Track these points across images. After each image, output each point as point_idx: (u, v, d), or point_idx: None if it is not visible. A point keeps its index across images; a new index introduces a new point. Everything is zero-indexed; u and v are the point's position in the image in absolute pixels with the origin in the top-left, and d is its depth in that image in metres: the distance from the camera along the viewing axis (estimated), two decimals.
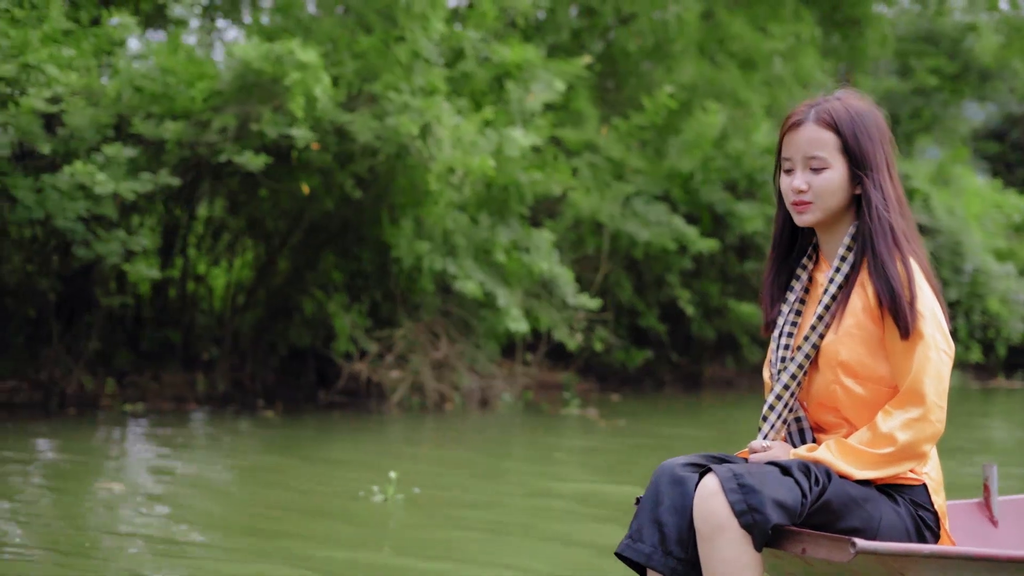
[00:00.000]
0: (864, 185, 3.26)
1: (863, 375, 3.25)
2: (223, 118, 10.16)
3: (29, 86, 9.57)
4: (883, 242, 3.23)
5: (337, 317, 11.64)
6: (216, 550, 5.52)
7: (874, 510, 3.16)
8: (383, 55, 10.81)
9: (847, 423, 3.30)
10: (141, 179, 9.96)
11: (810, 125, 3.28)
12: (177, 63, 10.47)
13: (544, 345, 13.87)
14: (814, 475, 3.10)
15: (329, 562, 5.21)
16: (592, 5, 15.10)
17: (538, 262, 11.97)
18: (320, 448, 9.22)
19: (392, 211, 11.49)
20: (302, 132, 9.87)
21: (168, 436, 9.66)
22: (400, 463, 7.76)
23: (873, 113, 3.32)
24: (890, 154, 3.33)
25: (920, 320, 3.17)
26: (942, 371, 3.19)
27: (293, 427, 10.48)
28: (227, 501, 6.90)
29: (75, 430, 9.86)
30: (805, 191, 3.28)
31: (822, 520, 3.09)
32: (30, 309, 11.65)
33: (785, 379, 3.32)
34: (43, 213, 9.72)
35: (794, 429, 3.35)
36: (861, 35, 17.91)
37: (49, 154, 9.81)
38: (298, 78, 9.76)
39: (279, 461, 8.46)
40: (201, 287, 12.75)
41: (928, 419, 3.16)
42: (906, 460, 3.18)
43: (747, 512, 2.97)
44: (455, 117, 10.48)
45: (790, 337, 3.37)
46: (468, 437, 10.44)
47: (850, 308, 3.28)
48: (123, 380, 12.07)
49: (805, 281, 3.42)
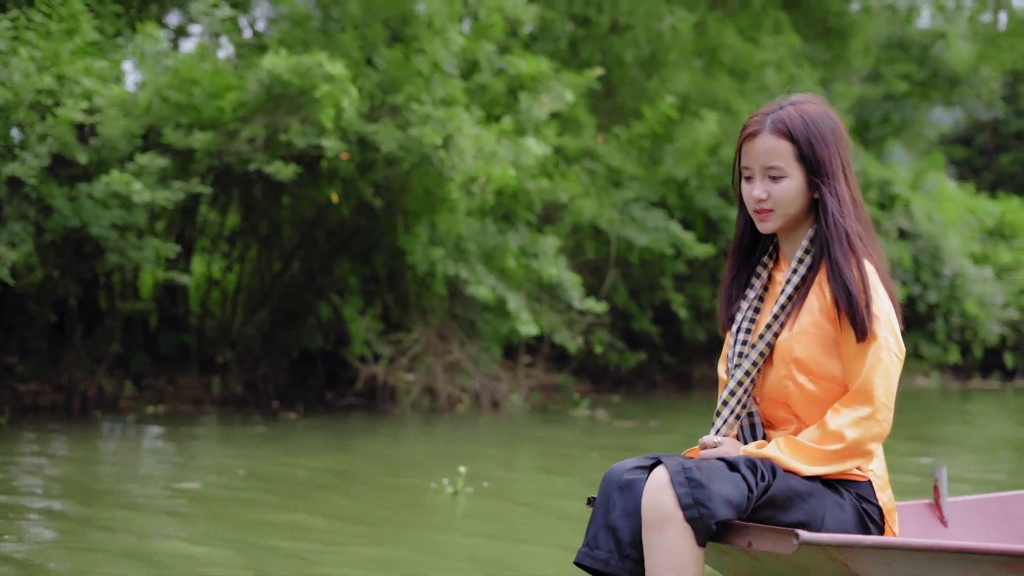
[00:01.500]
0: (820, 192, 3.33)
1: (816, 373, 3.32)
2: (252, 128, 10.45)
3: (66, 98, 9.83)
4: (839, 248, 3.28)
5: (353, 321, 11.95)
6: (342, 535, 5.93)
7: (818, 503, 3.22)
8: (403, 67, 11.12)
9: (797, 419, 3.36)
10: (173, 187, 10.24)
11: (766, 135, 3.34)
12: (204, 75, 10.75)
13: (546, 348, 14.22)
14: (760, 471, 3.17)
15: (441, 545, 5.65)
16: (588, 15, 15.45)
17: (546, 267, 12.32)
18: (369, 447, 9.59)
19: (406, 218, 11.81)
20: (332, 142, 10.17)
21: (213, 436, 9.99)
22: (458, 459, 8.10)
23: (828, 117, 3.38)
24: (846, 157, 3.39)
25: (875, 322, 3.24)
26: (892, 373, 3.27)
27: (324, 428, 10.80)
28: (321, 495, 7.23)
29: (118, 433, 10.15)
30: (765, 199, 3.35)
31: (767, 514, 3.16)
32: (50, 313, 11.88)
33: (739, 375, 3.39)
34: (79, 221, 9.98)
35: (746, 424, 3.42)
36: (845, 45, 18.35)
37: (86, 164, 10.06)
38: (328, 90, 10.06)
39: (341, 459, 8.83)
40: (215, 291, 13.00)
41: (876, 418, 3.23)
42: (853, 457, 3.24)
43: (692, 506, 3.04)
44: (475, 127, 10.81)
45: (747, 333, 3.45)
46: (500, 435, 10.77)
47: (807, 307, 3.35)
48: (140, 383, 12.33)
49: (764, 279, 3.51)
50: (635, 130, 14.25)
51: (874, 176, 18.37)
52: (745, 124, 3.41)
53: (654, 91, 15.40)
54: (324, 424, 11.06)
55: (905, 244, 18.28)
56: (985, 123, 32.54)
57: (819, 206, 3.34)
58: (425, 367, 12.32)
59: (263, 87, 10.43)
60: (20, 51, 9.51)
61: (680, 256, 15.00)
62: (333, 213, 11.72)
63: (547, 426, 11.48)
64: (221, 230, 12.72)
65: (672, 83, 15.44)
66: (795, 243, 3.43)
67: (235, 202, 12.18)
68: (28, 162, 9.46)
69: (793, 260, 3.40)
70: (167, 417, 11.25)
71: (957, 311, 18.85)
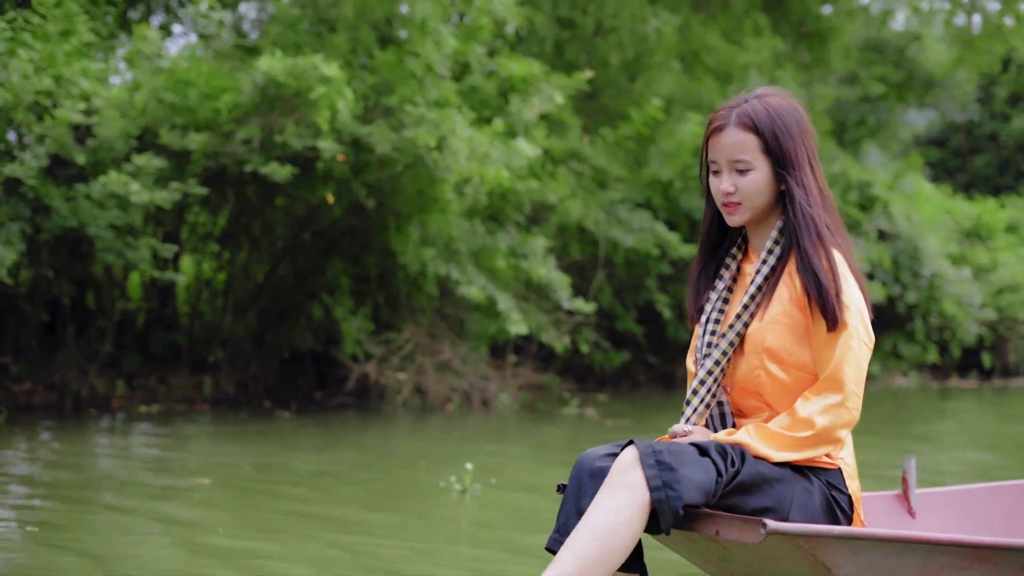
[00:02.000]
0: (787, 183, 3.35)
1: (787, 362, 3.35)
2: (248, 130, 10.53)
3: (64, 99, 9.90)
4: (807, 237, 3.31)
5: (345, 321, 12.04)
6: (362, 524, 6.08)
7: (787, 489, 3.24)
8: (396, 69, 11.22)
9: (768, 408, 3.40)
10: (170, 188, 10.32)
11: (731, 129, 3.37)
12: (198, 76, 10.82)
13: (531, 347, 14.34)
14: (730, 456, 3.19)
15: (473, 538, 5.82)
16: (574, 17, 15.58)
17: (536, 268, 12.45)
18: (367, 445, 9.72)
19: (398, 219, 11.91)
20: (328, 144, 10.27)
21: (210, 434, 10.08)
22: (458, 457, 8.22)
23: (793, 109, 3.41)
24: (812, 149, 3.41)
25: (845, 311, 3.27)
26: (862, 361, 3.30)
27: (319, 425, 10.90)
28: (338, 489, 7.35)
29: (119, 430, 10.23)
30: (733, 192, 3.38)
31: (736, 499, 3.18)
32: (43, 313, 11.94)
33: (709, 365, 3.41)
34: (76, 221, 10.05)
35: (716, 413, 3.44)
36: (825, 47, 18.54)
37: (84, 165, 10.13)
38: (324, 92, 10.15)
39: (342, 456, 8.93)
40: (206, 291, 13.07)
41: (846, 406, 3.26)
42: (822, 444, 3.27)
43: (661, 488, 3.05)
44: (468, 129, 10.92)
45: (716, 324, 3.47)
46: (496, 433, 10.87)
47: (777, 297, 3.37)
48: (132, 382, 12.39)
49: (734, 271, 3.53)
50: (622, 132, 14.37)
51: (854, 178, 18.57)
52: (711, 118, 3.44)
53: (639, 93, 15.54)
54: (318, 422, 11.16)
55: (885, 245, 18.49)
56: (959, 125, 32.83)
57: (786, 197, 3.36)
58: (415, 366, 12.43)
59: (258, 89, 10.51)
60: (19, 52, 9.56)
61: (665, 257, 15.16)
62: (325, 214, 11.81)
63: (540, 424, 11.59)
64: (212, 230, 12.77)
65: (657, 85, 15.58)
66: (764, 235, 3.46)
67: (228, 202, 12.24)
68: (27, 162, 9.52)
69: (762, 251, 3.42)
70: (161, 416, 11.32)
71: (936, 311, 19.08)
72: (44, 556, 5.06)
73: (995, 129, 32.43)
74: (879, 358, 18.70)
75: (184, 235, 12.51)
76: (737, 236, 3.54)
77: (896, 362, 19.03)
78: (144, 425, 10.63)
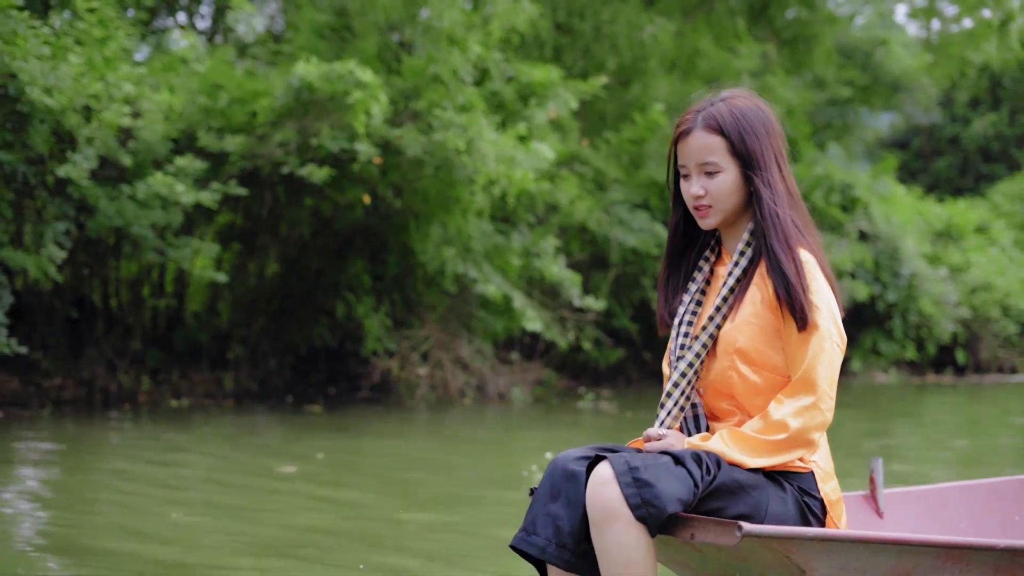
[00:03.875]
0: (754, 183, 3.33)
1: (759, 363, 3.33)
2: (284, 132, 10.89)
3: (111, 103, 10.22)
4: (775, 237, 3.30)
5: (367, 318, 12.43)
6: (498, 513, 6.38)
7: (761, 496, 3.22)
8: (419, 75, 11.62)
9: (741, 411, 3.38)
10: (211, 189, 10.67)
11: (698, 132, 3.35)
12: (233, 80, 11.17)
13: (529, 344, 14.76)
14: (705, 464, 3.16)
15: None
16: (573, 24, 16.02)
17: (548, 266, 12.89)
18: (430, 434, 10.17)
19: (419, 219, 12.30)
20: (365, 147, 10.65)
21: (255, 426, 10.43)
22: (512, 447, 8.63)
23: (759, 110, 3.39)
24: (779, 149, 3.39)
25: (816, 312, 3.24)
26: (834, 362, 3.27)
27: (353, 418, 11.30)
28: (424, 479, 7.71)
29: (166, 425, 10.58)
30: (703, 196, 3.35)
31: (712, 506, 3.16)
32: (72, 310, 12.23)
33: (682, 367, 3.38)
34: (122, 221, 10.38)
35: (689, 415, 3.42)
36: (809, 51, 19.10)
37: (130, 166, 10.46)
38: (360, 97, 10.54)
39: (420, 443, 9.37)
40: (227, 289, 13.40)
41: (819, 407, 3.23)
42: (797, 447, 3.25)
43: (642, 506, 3.04)
44: (493, 133, 11.34)
45: (690, 326, 3.44)
46: (532, 425, 11.27)
47: (749, 298, 3.35)
48: (156, 378, 12.71)
49: (707, 274, 3.50)
50: (625, 135, 14.82)
51: (836, 180, 19.13)
52: (678, 123, 3.43)
53: (635, 97, 16.01)
54: (350, 416, 11.55)
55: (866, 246, 19.06)
56: (921, 128, 33.55)
57: (754, 200, 3.35)
58: (433, 362, 12.83)
59: (293, 93, 10.87)
60: (70, 58, 9.87)
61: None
62: (348, 214, 12.18)
63: (569, 416, 12.02)
64: (233, 230, 13.10)
65: (652, 90, 16.06)
66: (736, 237, 3.45)
67: (254, 202, 12.58)
68: (80, 164, 9.83)
69: (734, 254, 3.41)
70: (192, 411, 11.66)
71: (914, 310, 19.66)
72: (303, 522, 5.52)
73: (956, 132, 33.18)
74: (860, 355, 19.29)
75: (208, 235, 12.82)
76: (710, 239, 3.54)
77: (876, 359, 19.62)
78: (186, 419, 10.96)
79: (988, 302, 21.01)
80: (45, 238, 10.17)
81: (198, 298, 13.46)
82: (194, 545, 5.38)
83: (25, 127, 9.92)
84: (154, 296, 12.60)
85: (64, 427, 10.13)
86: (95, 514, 6.22)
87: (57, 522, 5.95)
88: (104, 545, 5.33)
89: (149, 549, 5.25)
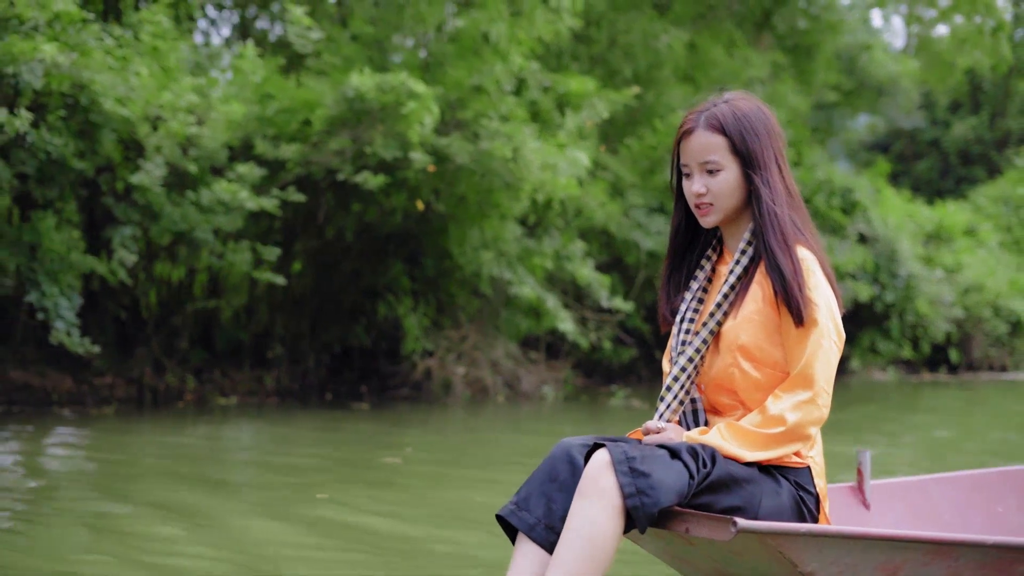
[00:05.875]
0: (753, 182, 3.39)
1: (760, 359, 3.38)
2: (340, 141, 11.34)
3: (174, 112, 10.64)
4: (773, 235, 3.35)
5: (407, 318, 12.89)
6: None
7: (756, 490, 3.26)
8: (460, 86, 12.09)
9: (741, 406, 3.42)
10: (271, 195, 11.11)
11: (700, 131, 3.41)
12: (284, 90, 11.61)
13: (565, 345, 15.25)
14: (701, 458, 3.20)
15: None
16: (590, 33, 16.52)
17: (579, 269, 13.40)
18: (502, 428, 10.66)
19: (459, 223, 12.77)
20: (420, 155, 11.12)
21: (334, 422, 10.97)
22: None
23: (760, 112, 3.45)
24: (779, 150, 3.45)
25: (815, 309, 3.29)
26: (832, 359, 3.32)
27: (403, 414, 11.74)
28: (529, 463, 7.98)
29: (244, 423, 11.00)
30: (704, 193, 3.41)
31: (706, 499, 3.20)
32: (121, 311, 12.63)
33: (682, 362, 3.43)
34: (187, 226, 10.80)
35: (688, 410, 3.47)
36: (811, 59, 19.68)
37: (195, 174, 10.88)
38: (415, 107, 10.99)
39: (505, 437, 9.82)
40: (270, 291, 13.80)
41: (816, 403, 3.28)
42: (793, 441, 3.29)
43: (635, 495, 3.07)
44: (536, 141, 11.83)
45: (691, 323, 3.49)
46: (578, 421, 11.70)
47: (751, 296, 3.40)
48: (200, 377, 13.13)
49: (709, 272, 3.55)
50: (646, 142, 15.34)
51: (837, 184, 19.72)
52: (681, 123, 3.49)
53: (648, 105, 16.52)
54: (399, 412, 12.00)
55: (866, 248, 19.65)
56: (902, 131, 34.23)
57: (752, 199, 3.41)
58: (469, 361, 13.31)
59: (346, 102, 11.31)
60: (141, 71, 10.29)
61: None
62: (390, 219, 12.64)
63: (606, 412, 12.47)
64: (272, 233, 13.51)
65: (666, 98, 16.58)
66: (738, 235, 3.50)
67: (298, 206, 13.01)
68: (152, 172, 10.25)
69: (736, 252, 3.47)
70: (244, 408, 12.07)
71: (911, 310, 20.29)
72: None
73: (937, 135, 33.90)
74: (859, 354, 19.91)
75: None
76: (712, 238, 3.60)
77: (873, 357, 20.25)
78: (252, 415, 11.39)
79: (980, 303, 21.69)
80: (114, 242, 10.58)
81: (236, 299, 13.86)
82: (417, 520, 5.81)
83: (95, 136, 10.33)
84: (196, 298, 12.99)
85: (163, 425, 10.48)
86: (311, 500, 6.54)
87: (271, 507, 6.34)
88: (366, 523, 5.80)
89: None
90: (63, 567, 4.71)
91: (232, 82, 11.54)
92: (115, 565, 4.77)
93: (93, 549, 5.09)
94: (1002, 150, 32.63)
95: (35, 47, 9.29)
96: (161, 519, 5.79)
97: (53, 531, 5.43)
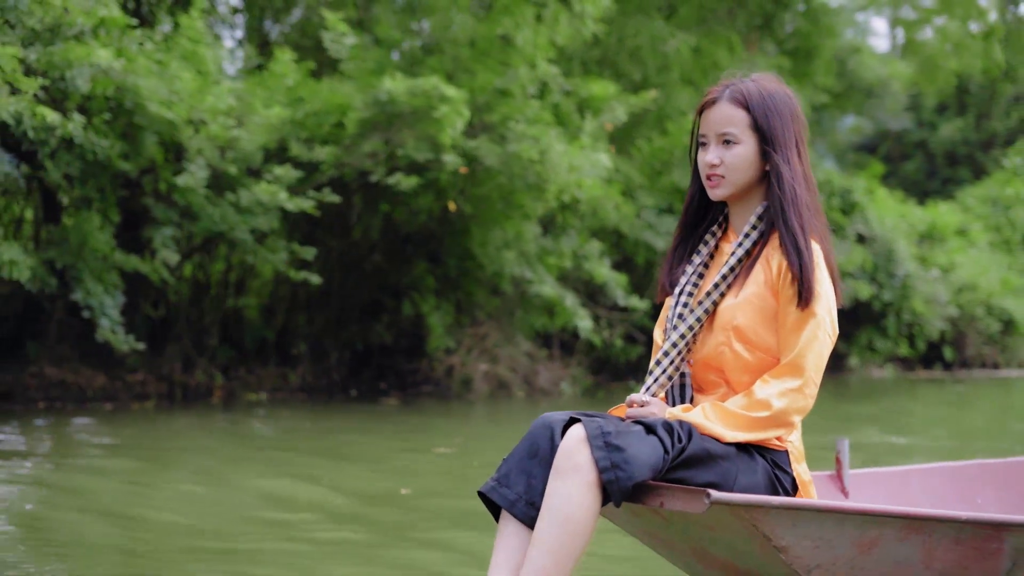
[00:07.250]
0: (772, 160, 3.35)
1: (754, 342, 3.36)
2: (373, 144, 11.65)
3: (214, 115, 10.94)
4: (792, 212, 3.33)
5: (430, 316, 13.22)
6: None
7: (731, 466, 3.25)
8: (485, 89, 12.42)
9: (726, 384, 3.41)
10: (307, 196, 11.42)
11: (723, 103, 3.39)
12: (315, 94, 11.92)
13: (578, 342, 15.60)
14: (677, 433, 3.19)
15: None
16: (600, 38, 16.85)
17: (597, 268, 13.75)
18: (528, 423, 10.95)
19: (482, 224, 13.11)
20: (452, 157, 11.44)
21: (372, 416, 11.27)
22: None
23: (785, 95, 3.42)
24: (800, 135, 3.42)
25: (816, 300, 3.29)
26: (824, 351, 3.32)
27: (442, 409, 12.06)
28: None
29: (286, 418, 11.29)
30: (717, 165, 3.38)
31: (681, 474, 3.19)
32: (151, 309, 12.90)
33: (674, 337, 3.41)
34: (227, 226, 11.10)
35: (676, 385, 3.44)
36: (810, 62, 20.10)
37: (234, 175, 11.18)
38: (447, 111, 11.32)
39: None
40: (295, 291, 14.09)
41: (803, 392, 3.29)
42: (776, 427, 3.29)
43: (610, 469, 3.06)
44: (561, 144, 12.17)
45: (690, 297, 3.47)
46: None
47: (752, 278, 3.38)
48: (227, 374, 13.42)
49: (711, 248, 3.53)
50: (656, 144, 15.70)
51: (837, 185, 20.14)
52: (705, 93, 3.48)
53: (658, 107, 16.87)
54: (427, 407, 12.32)
55: (864, 248, 20.07)
56: (889, 132, 34.69)
57: (771, 176, 3.38)
58: (489, 357, 13.64)
59: (379, 106, 11.62)
60: (184, 75, 10.59)
61: None
62: (416, 219, 12.96)
63: None
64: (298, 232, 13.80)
65: (674, 100, 16.94)
66: (745, 215, 3.48)
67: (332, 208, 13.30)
68: (196, 174, 10.55)
69: (742, 231, 3.45)
70: (275, 404, 12.37)
71: (907, 309, 20.72)
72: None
73: (923, 137, 34.36)
74: (857, 351, 20.34)
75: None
76: (719, 215, 3.57)
77: (871, 355, 20.69)
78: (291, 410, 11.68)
79: (973, 301, 22.16)
80: (155, 242, 10.87)
81: (262, 297, 14.16)
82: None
83: (138, 138, 10.62)
84: (235, 296, 13.29)
85: (213, 421, 10.77)
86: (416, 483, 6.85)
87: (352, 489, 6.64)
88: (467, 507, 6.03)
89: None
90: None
91: (266, 85, 11.83)
92: None
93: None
94: (988, 151, 33.10)
95: (90, 52, 9.57)
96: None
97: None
